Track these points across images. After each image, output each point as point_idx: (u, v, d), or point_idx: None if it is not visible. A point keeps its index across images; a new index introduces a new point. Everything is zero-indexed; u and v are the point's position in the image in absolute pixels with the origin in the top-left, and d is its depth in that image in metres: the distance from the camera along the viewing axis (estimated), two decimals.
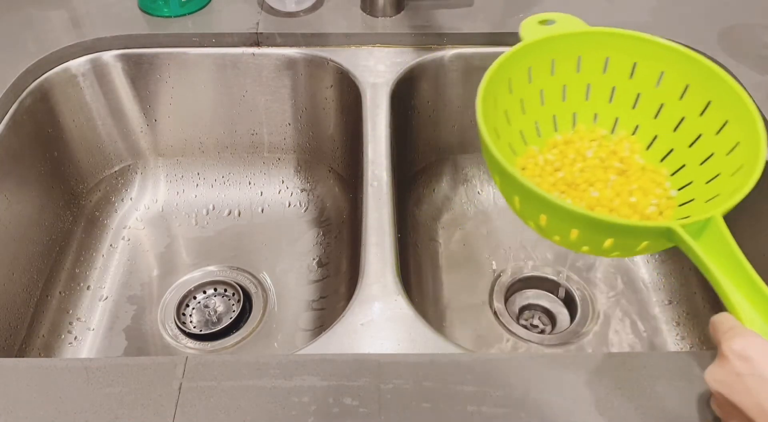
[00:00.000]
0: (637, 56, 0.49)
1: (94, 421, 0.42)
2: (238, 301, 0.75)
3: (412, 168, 0.84)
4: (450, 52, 0.75)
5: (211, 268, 0.79)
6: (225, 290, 0.77)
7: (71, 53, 0.74)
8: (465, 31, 0.75)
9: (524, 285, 0.78)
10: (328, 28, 0.76)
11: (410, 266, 0.75)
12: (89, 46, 0.74)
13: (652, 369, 0.44)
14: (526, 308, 0.76)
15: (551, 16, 0.51)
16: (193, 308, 0.75)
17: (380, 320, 0.50)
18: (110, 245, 0.81)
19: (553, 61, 0.50)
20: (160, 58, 0.76)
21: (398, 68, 0.73)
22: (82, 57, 0.74)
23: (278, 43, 0.76)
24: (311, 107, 0.80)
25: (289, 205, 0.86)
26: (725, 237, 0.38)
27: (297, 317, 0.74)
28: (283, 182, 0.86)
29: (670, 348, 0.70)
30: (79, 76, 0.75)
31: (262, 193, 0.86)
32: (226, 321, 0.73)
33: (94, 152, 0.81)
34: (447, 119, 0.81)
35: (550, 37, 0.49)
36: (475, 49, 0.75)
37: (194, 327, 0.73)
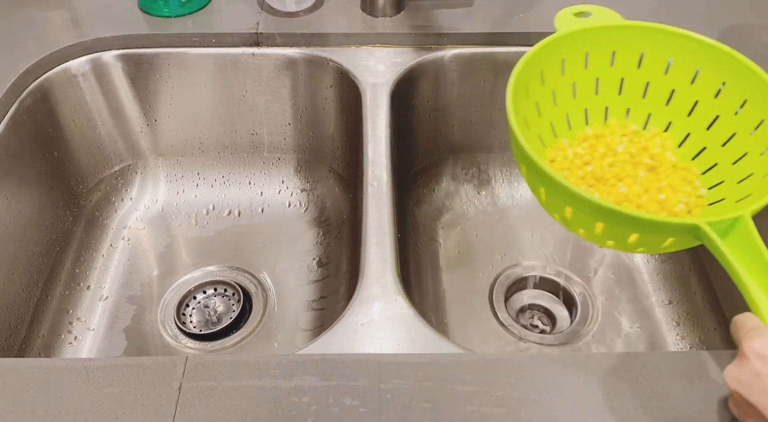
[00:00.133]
0: (673, 52, 0.48)
1: (94, 421, 0.42)
2: (238, 301, 0.75)
3: (412, 168, 0.83)
4: (450, 52, 0.75)
5: (211, 268, 0.79)
6: (225, 290, 0.77)
7: (71, 53, 0.74)
8: (465, 31, 0.75)
9: (524, 285, 0.78)
10: (328, 28, 0.76)
11: (410, 266, 0.75)
12: (89, 46, 0.74)
13: (652, 369, 0.44)
14: (526, 308, 0.76)
15: (587, 8, 0.50)
16: (193, 309, 0.75)
17: (380, 320, 0.50)
18: (110, 245, 0.81)
19: (587, 54, 0.49)
20: (160, 58, 0.76)
21: (398, 68, 0.73)
22: (82, 57, 0.74)
23: (278, 43, 0.76)
24: (311, 107, 0.80)
25: (289, 205, 0.86)
26: (753, 237, 0.37)
27: (297, 317, 0.74)
28: (283, 182, 0.86)
29: (670, 348, 0.70)
30: (79, 76, 0.75)
31: (262, 193, 0.86)
32: (226, 321, 0.73)
33: (94, 152, 0.81)
34: (447, 119, 0.81)
35: (585, 30, 0.48)
36: (475, 49, 0.75)
37: (194, 327, 0.73)
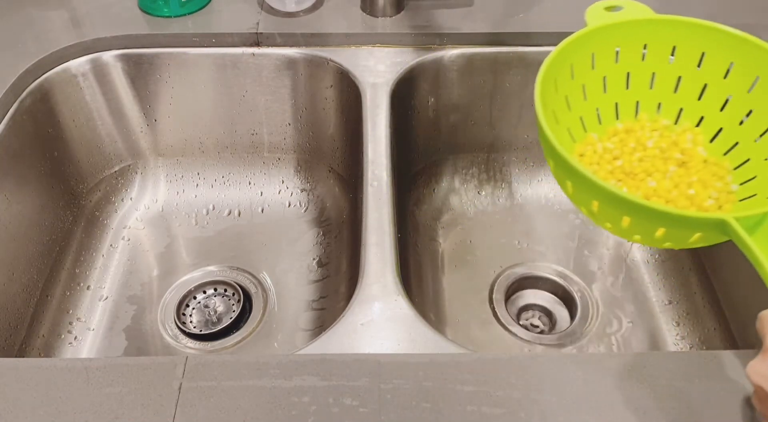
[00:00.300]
0: (705, 46, 0.47)
1: (94, 421, 0.42)
2: (238, 301, 0.75)
3: (412, 168, 0.83)
4: (450, 52, 0.75)
5: (211, 268, 0.79)
6: (225, 290, 0.77)
7: (71, 53, 0.74)
8: (465, 31, 0.75)
9: (524, 285, 0.78)
10: (328, 28, 0.76)
11: (410, 266, 0.75)
12: (89, 46, 0.74)
13: (652, 369, 0.44)
14: (526, 308, 0.76)
15: (618, 2, 0.49)
16: (193, 309, 0.75)
17: (380, 320, 0.50)
18: (110, 245, 0.81)
19: (617, 48, 0.48)
20: (160, 58, 0.76)
21: (398, 68, 0.73)
22: (82, 57, 0.74)
23: (278, 43, 0.76)
24: (311, 107, 0.80)
25: (289, 205, 0.86)
26: None
27: (297, 317, 0.74)
28: (283, 182, 0.86)
29: (670, 348, 0.70)
30: (79, 76, 0.75)
31: (262, 193, 0.86)
32: (226, 321, 0.73)
33: (94, 152, 0.81)
34: (447, 119, 0.81)
35: (615, 24, 0.48)
36: (475, 49, 0.75)
37: (194, 327, 0.73)
